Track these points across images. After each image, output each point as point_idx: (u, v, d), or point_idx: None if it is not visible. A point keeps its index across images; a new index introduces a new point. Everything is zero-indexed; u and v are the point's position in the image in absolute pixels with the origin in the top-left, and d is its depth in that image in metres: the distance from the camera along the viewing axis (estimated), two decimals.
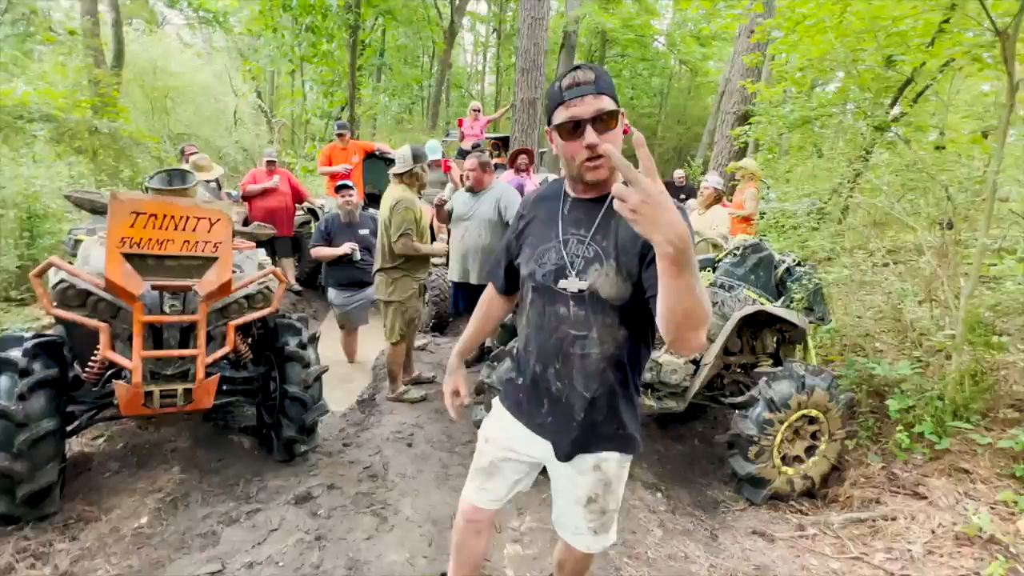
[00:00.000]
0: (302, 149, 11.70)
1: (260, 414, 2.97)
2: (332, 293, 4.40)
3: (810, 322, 3.11)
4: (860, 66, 4.46)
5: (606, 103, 1.12)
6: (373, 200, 6.27)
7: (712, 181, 4.88)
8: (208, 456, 2.79)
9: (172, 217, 2.31)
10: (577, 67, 1.16)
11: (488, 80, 21.48)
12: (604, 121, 1.12)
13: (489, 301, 1.60)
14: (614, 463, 1.34)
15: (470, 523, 1.53)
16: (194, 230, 2.37)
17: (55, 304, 2.23)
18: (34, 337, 2.36)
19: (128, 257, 2.22)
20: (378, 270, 3.54)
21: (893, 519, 2.51)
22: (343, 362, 4.72)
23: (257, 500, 2.46)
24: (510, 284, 1.52)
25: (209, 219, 2.40)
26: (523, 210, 1.46)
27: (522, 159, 5.60)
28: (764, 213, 5.75)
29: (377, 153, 6.70)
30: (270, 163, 5.91)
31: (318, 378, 2.77)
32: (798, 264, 3.26)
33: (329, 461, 2.83)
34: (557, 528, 1.49)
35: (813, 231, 4.70)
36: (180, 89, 12.12)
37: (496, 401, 1.50)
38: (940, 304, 3.48)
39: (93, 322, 2.22)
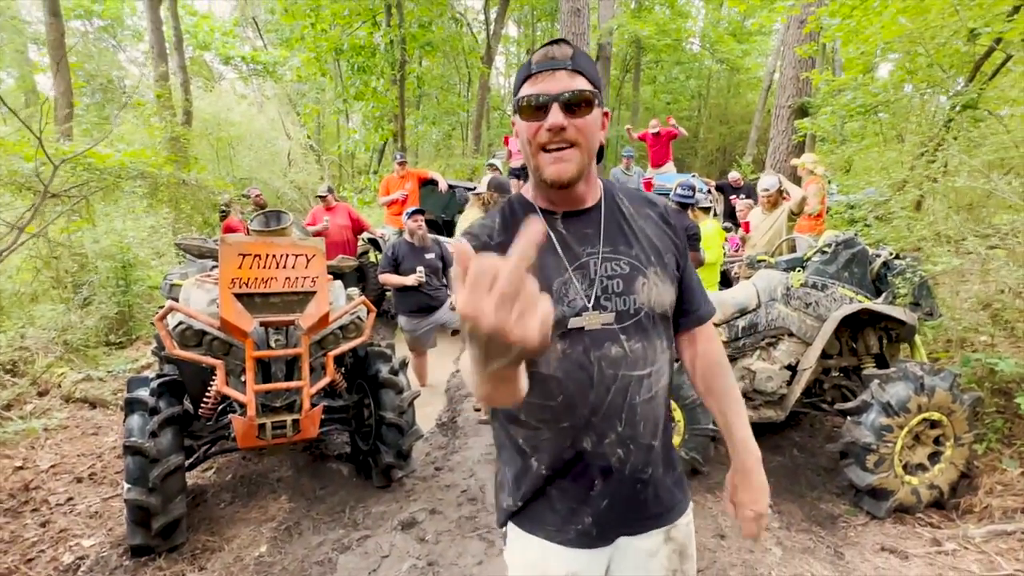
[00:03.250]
0: (354, 182, 12.20)
1: (355, 441, 3.05)
2: (402, 320, 4.48)
3: (918, 318, 2.90)
4: (934, 44, 4.21)
5: (581, 83, 0.92)
6: (428, 226, 6.42)
7: (769, 183, 4.70)
8: (311, 484, 2.88)
9: (273, 256, 2.44)
10: (553, 41, 0.96)
11: None
12: (576, 104, 0.91)
13: None
14: (683, 524, 1.05)
15: None
16: (293, 267, 2.48)
17: (175, 345, 2.39)
18: (157, 377, 2.52)
19: (237, 297, 2.35)
20: None
21: None
22: (415, 386, 4.79)
23: (364, 527, 2.50)
24: None
25: (306, 255, 2.52)
26: (483, 244, 0.99)
27: None
28: (829, 208, 5.47)
29: (432, 179, 6.86)
30: (322, 197, 6.13)
31: (411, 403, 2.82)
32: (896, 257, 3.06)
33: (425, 486, 2.86)
34: None
35: (880, 221, 4.41)
36: (240, 137, 12.97)
37: (518, 536, 1.03)
38: None
39: (210, 359, 2.35)
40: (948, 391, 2.58)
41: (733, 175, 7.20)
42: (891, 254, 3.07)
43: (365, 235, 6.79)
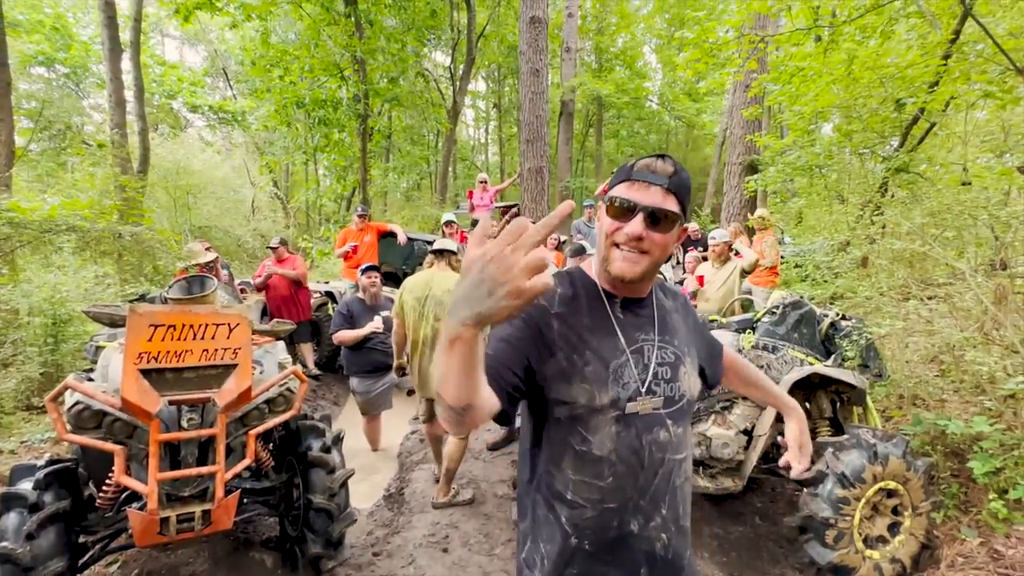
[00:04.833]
0: (317, 231, 12.03)
1: (283, 525, 2.76)
2: (355, 381, 4.24)
3: (867, 380, 2.88)
4: (866, 110, 4.47)
5: (671, 204, 0.99)
6: (388, 278, 6.27)
7: (719, 235, 4.79)
8: None
9: (191, 326, 2.25)
10: (661, 156, 1.03)
11: (492, 150, 22.38)
12: (660, 220, 0.97)
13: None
14: None
15: None
16: (213, 337, 2.29)
17: (70, 428, 2.13)
18: (47, 464, 2.23)
19: (146, 372, 2.13)
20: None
21: None
22: (366, 450, 4.50)
23: None
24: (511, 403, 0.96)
25: (228, 324, 2.33)
26: (550, 305, 1.02)
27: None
28: (784, 257, 5.61)
29: (391, 231, 6.77)
30: (274, 248, 5.97)
31: (344, 484, 2.58)
32: (843, 318, 3.07)
33: None
34: None
35: (835, 276, 4.53)
36: (201, 185, 12.73)
37: None
38: (1001, 346, 3.23)
39: (108, 445, 2.09)
40: (901, 459, 2.52)
41: (692, 226, 7.37)
42: (838, 315, 3.08)
43: (321, 288, 6.59)
